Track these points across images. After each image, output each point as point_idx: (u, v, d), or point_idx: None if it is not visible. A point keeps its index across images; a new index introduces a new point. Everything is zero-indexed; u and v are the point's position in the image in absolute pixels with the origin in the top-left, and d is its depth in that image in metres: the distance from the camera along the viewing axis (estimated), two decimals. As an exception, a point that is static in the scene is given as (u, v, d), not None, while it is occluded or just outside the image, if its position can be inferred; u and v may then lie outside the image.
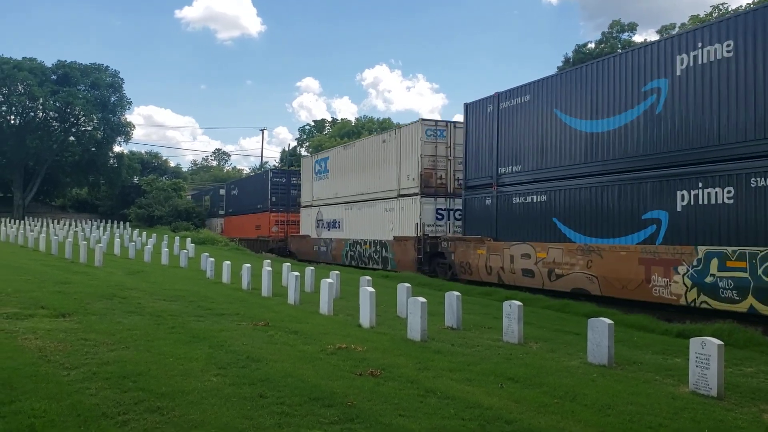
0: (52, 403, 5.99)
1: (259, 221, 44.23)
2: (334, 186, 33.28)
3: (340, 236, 32.25)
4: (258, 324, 10.91)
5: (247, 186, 50.80)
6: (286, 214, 41.74)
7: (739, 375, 8.70)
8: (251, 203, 46.46)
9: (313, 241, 35.47)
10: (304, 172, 38.04)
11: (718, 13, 38.01)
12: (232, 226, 52.64)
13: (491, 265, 19.84)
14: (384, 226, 27.57)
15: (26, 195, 62.43)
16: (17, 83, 57.45)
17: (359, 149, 31.19)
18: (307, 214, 36.93)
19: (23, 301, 12.30)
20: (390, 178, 27.41)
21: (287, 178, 43.29)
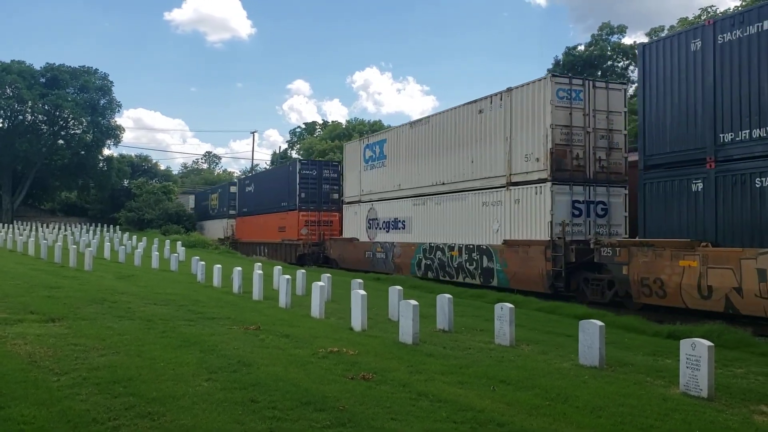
0: (41, 409, 5.95)
1: (283, 222, 37.83)
2: (395, 175, 26.73)
3: (406, 239, 25.56)
4: (249, 328, 10.87)
5: (266, 181, 43.88)
6: (317, 212, 36.00)
7: (730, 376, 8.74)
8: (273, 201, 39.93)
9: (365, 246, 28.99)
10: (349, 161, 31.48)
11: (706, 16, 38.26)
12: (248, 228, 46.08)
13: (712, 285, 13.25)
14: (482, 226, 20.76)
15: (15, 199, 62.01)
16: (5, 86, 57.07)
17: (437, 125, 23.86)
18: (353, 212, 30.57)
19: (12, 306, 12.20)
20: (493, 161, 20.37)
21: (318, 170, 36.98)
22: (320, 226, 35.47)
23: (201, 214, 61.68)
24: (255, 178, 48.57)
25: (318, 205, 36.22)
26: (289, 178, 37.51)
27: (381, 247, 27.50)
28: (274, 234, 39.30)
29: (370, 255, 28.31)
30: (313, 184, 36.48)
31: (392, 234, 26.76)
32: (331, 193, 36.38)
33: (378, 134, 29.89)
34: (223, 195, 53.51)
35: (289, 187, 37.22)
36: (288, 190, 37.39)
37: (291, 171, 37.77)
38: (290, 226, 36.80)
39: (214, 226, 54.97)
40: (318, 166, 37.70)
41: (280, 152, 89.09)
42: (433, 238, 23.66)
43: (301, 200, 36.03)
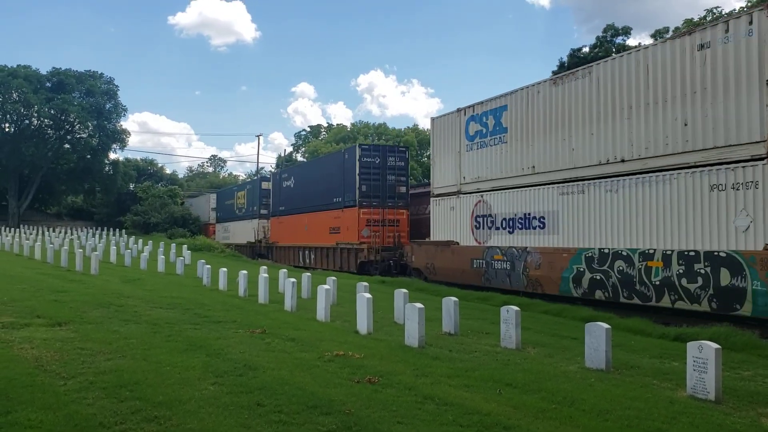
0: (48, 413, 5.96)
1: (337, 221, 31.84)
2: (525, 154, 19.34)
3: (550, 243, 18.11)
4: (255, 331, 10.88)
5: (312, 173, 37.09)
6: (380, 209, 29.39)
7: (737, 378, 8.71)
8: (322, 196, 33.91)
9: (471, 252, 21.41)
10: (440, 141, 23.76)
11: (712, 17, 38.17)
12: (287, 230, 39.45)
13: None
14: (713, 222, 13.83)
15: (21, 203, 62.30)
16: (12, 91, 57.43)
17: (606, 77, 16.70)
18: (449, 206, 23.00)
19: (19, 310, 12.24)
20: (732, 121, 13.58)
21: (381, 157, 30.19)
22: (385, 226, 29.44)
23: (224, 214, 55.51)
24: (296, 171, 41.22)
25: (382, 200, 29.85)
26: (345, 168, 31.16)
27: (502, 254, 19.83)
28: (324, 236, 33.31)
29: (481, 265, 20.79)
30: (375, 174, 30.02)
31: (521, 235, 19.18)
32: (397, 186, 30.17)
33: (489, 101, 21.18)
34: (253, 192, 47.07)
35: (345, 179, 30.98)
36: (343, 182, 31.23)
37: (347, 159, 31.18)
38: (347, 226, 30.62)
39: (241, 228, 48.97)
40: (382, 152, 30.75)
41: (285, 155, 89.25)
42: (606, 241, 16.29)
43: (362, 194, 29.73)
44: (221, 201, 57.81)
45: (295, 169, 42.56)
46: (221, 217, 56.74)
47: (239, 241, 48.72)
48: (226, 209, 54.78)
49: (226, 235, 53.55)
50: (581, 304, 16.50)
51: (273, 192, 42.86)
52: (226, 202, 55.15)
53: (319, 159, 42.22)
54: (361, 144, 30.56)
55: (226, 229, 54.01)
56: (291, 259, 38.18)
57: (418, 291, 19.61)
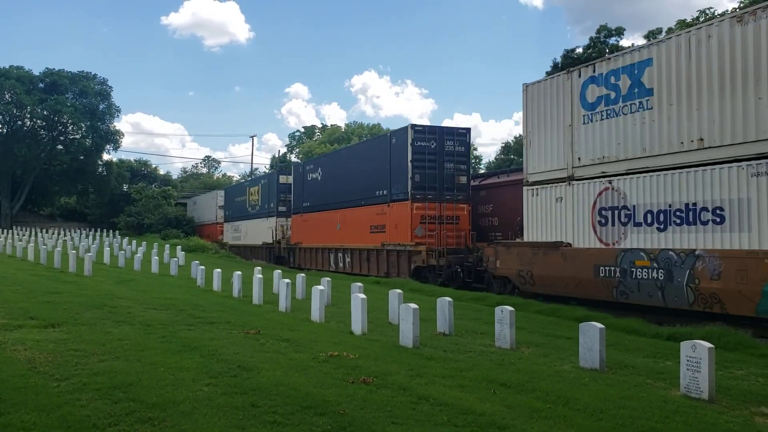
0: (41, 415, 5.94)
1: (381, 218, 26.98)
2: (683, 124, 14.32)
3: (739, 243, 13.07)
4: (249, 332, 10.87)
5: (346, 162, 31.92)
6: (438, 204, 24.63)
7: (730, 378, 8.74)
8: (360, 189, 29.01)
9: (596, 256, 16.04)
10: (539, 114, 18.49)
11: (704, 18, 38.31)
12: (313, 229, 34.64)
13: None
14: None
15: (14, 204, 62.05)
16: (4, 91, 57.24)
17: None
18: (553, 197, 17.69)
19: (12, 311, 12.19)
20: None
21: (438, 141, 25.12)
22: (442, 223, 24.47)
23: (235, 212, 51.00)
24: (324, 161, 35.85)
25: (438, 193, 24.78)
26: (392, 154, 26.35)
27: (650, 259, 14.79)
28: (362, 236, 28.64)
29: (612, 273, 15.49)
30: (431, 161, 25.01)
31: (682, 233, 14.18)
32: (457, 176, 25.32)
33: (619, 56, 16.27)
34: (269, 187, 42.43)
35: (393, 168, 26.21)
36: (389, 171, 26.49)
37: (396, 144, 26.21)
38: (396, 224, 25.82)
39: (255, 227, 44.52)
40: (438, 134, 25.38)
41: (279, 156, 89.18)
42: None
43: (415, 186, 24.70)
44: (231, 198, 53.32)
45: (323, 160, 36.75)
46: (231, 216, 52.27)
47: (253, 242, 44.60)
48: (237, 207, 50.22)
49: (236, 236, 49.52)
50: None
51: (295, 186, 37.91)
52: (237, 199, 50.40)
53: (356, 146, 36.03)
54: (414, 124, 25.25)
55: (237, 229, 49.72)
56: (319, 263, 33.38)
57: (412, 291, 19.62)
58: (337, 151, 40.34)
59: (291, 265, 36.94)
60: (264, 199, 43.26)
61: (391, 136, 27.00)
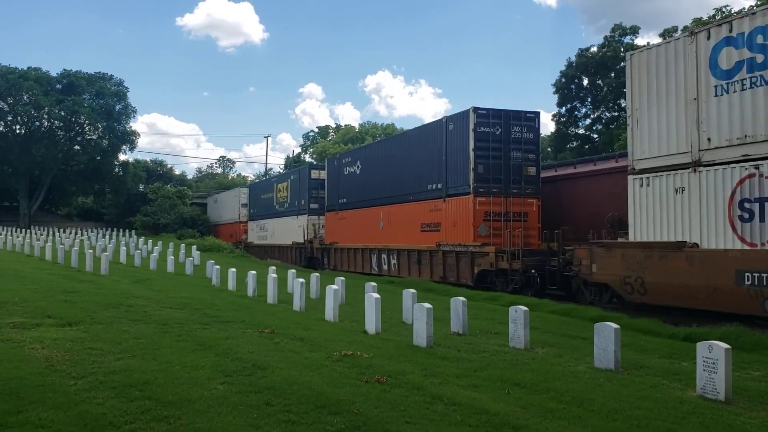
0: (59, 412, 6.00)
1: (435, 215, 24.10)
2: None
3: None
4: (264, 331, 10.91)
5: (390, 152, 29.05)
6: (504, 199, 21.91)
7: (747, 379, 8.66)
8: (409, 183, 26.39)
9: (740, 260, 13.25)
10: (650, 85, 15.65)
11: (720, 16, 37.94)
12: (351, 228, 31.92)
13: None
14: None
15: (32, 204, 62.71)
16: (23, 93, 57.84)
17: None
18: (672, 187, 14.93)
19: (30, 310, 12.32)
20: None
21: (504, 127, 22.13)
22: (508, 221, 21.57)
23: (260, 210, 48.25)
24: (364, 153, 32.52)
25: (504, 186, 21.98)
26: (449, 143, 23.32)
27: None
28: (411, 235, 25.69)
29: (764, 281, 12.70)
30: (495, 150, 22.01)
31: None
32: (525, 167, 22.45)
33: None
34: (299, 183, 39.44)
35: (449, 158, 23.32)
36: (444, 162, 23.56)
37: (453, 130, 23.13)
38: (454, 221, 22.94)
39: (284, 226, 41.58)
40: (504, 119, 22.22)
41: (293, 156, 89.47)
42: None
43: (478, 178, 21.72)
44: (255, 195, 50.31)
45: (362, 152, 33.34)
46: (256, 214, 49.41)
47: (281, 242, 41.83)
48: (263, 205, 47.34)
49: (262, 235, 46.89)
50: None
51: (329, 182, 35.13)
52: (263, 196, 47.37)
53: (402, 135, 30.88)
54: (477, 107, 21.90)
55: (263, 228, 46.71)
56: (358, 264, 30.71)
57: (425, 291, 19.61)
58: (379, 142, 37.18)
59: (325, 266, 34.16)
60: (294, 196, 40.36)
61: (448, 122, 23.49)
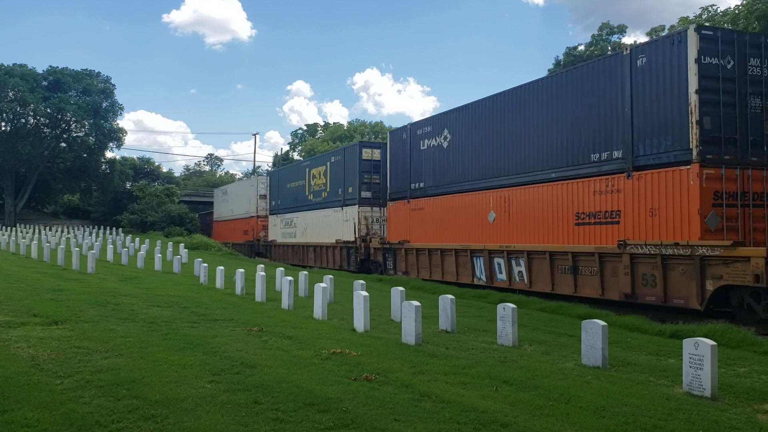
0: (45, 412, 5.95)
1: (607, 199, 16.47)
2: None
3: None
4: (252, 329, 10.88)
5: (510, 113, 20.41)
6: (741, 170, 14.38)
7: (733, 375, 8.73)
8: (548, 155, 18.58)
9: None
10: None
11: (707, 15, 38.19)
12: (436, 221, 24.09)
13: None
14: None
15: (18, 202, 62.12)
16: (8, 90, 57.17)
17: None
18: None
19: (15, 309, 12.22)
20: None
21: (739, 58, 14.46)
22: (746, 206, 14.39)
23: (286, 201, 40.16)
24: (457, 118, 23.44)
25: (742, 152, 14.40)
26: (641, 85, 15.60)
27: None
28: (555, 232, 18.19)
29: None
30: (728, 94, 14.33)
31: None
32: None
33: None
34: (345, 166, 31.61)
35: (639, 109, 15.58)
36: (629, 115, 15.76)
37: (650, 64, 15.33)
38: (650, 208, 15.24)
39: (321, 220, 34.01)
40: (738, 45, 14.56)
41: (282, 154, 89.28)
42: None
43: (706, 138, 14.07)
44: (279, 184, 41.76)
45: (453, 117, 23.69)
46: (279, 207, 41.26)
47: (319, 240, 34.04)
48: (289, 195, 39.47)
49: (289, 232, 38.90)
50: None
51: (394, 162, 27.58)
52: (290, 184, 39.41)
53: (534, 85, 19.91)
54: (701, 26, 14.66)
55: (290, 223, 38.76)
56: (449, 272, 22.99)
57: (414, 289, 19.62)
58: (482, 100, 22.45)
59: (390, 271, 27.12)
60: (336, 183, 32.37)
61: (636, 55, 15.74)
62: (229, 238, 51.20)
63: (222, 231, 54.70)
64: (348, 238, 30.74)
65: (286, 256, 39.09)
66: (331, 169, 33.62)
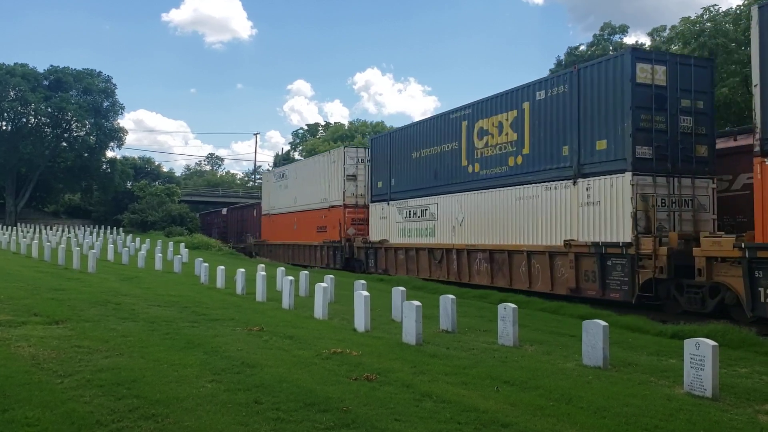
0: (45, 411, 5.95)
1: None
2: None
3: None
4: (252, 329, 10.88)
5: None
6: None
7: (734, 375, 8.72)
8: None
9: None
10: None
11: (708, 15, 38.12)
12: None
13: None
14: None
15: (18, 201, 62.13)
16: (9, 89, 57.19)
17: None
18: None
19: (16, 308, 12.22)
20: None
21: None
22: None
23: (414, 180, 25.58)
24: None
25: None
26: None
27: None
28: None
29: None
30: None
31: None
32: None
33: None
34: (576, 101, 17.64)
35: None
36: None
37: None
38: None
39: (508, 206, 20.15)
40: None
41: (283, 153, 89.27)
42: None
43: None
44: (393, 153, 27.33)
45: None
46: (399, 189, 26.68)
47: (524, 241, 19.33)
48: (420, 169, 25.27)
49: (416, 228, 25.22)
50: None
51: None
52: (419, 153, 25.29)
53: None
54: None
55: (418, 213, 25.16)
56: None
57: (415, 289, 19.60)
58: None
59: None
60: (546, 140, 18.91)
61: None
62: (289, 237, 37.84)
63: (277, 228, 40.51)
64: (612, 238, 16.29)
65: (417, 266, 24.67)
66: (535, 113, 19.35)
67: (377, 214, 28.32)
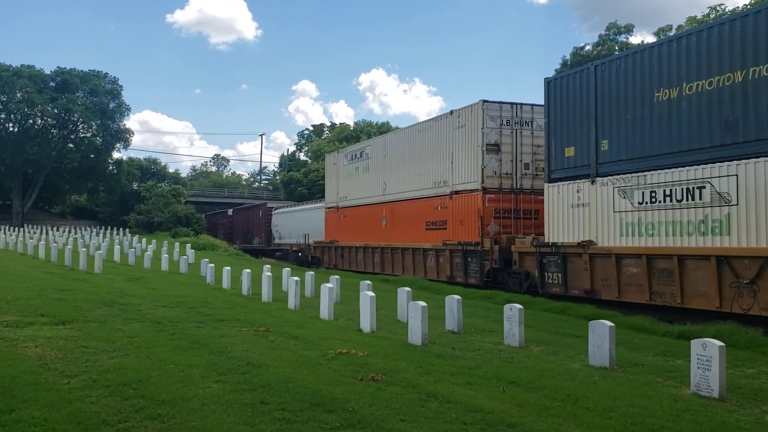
0: (52, 411, 5.97)
1: None
2: None
3: None
4: (258, 329, 10.89)
5: None
6: None
7: (741, 376, 8.68)
8: None
9: None
10: None
11: (715, 15, 38.03)
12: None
13: None
14: None
15: (25, 202, 62.41)
16: (16, 90, 57.48)
17: None
18: None
19: (23, 308, 12.27)
20: None
21: None
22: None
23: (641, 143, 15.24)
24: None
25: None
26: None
27: None
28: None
29: None
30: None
31: None
32: None
33: None
34: None
35: None
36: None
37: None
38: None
39: None
40: None
41: (288, 154, 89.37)
42: None
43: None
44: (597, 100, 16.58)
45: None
46: (606, 160, 16.31)
47: None
48: (664, 121, 14.74)
49: (665, 221, 14.49)
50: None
51: None
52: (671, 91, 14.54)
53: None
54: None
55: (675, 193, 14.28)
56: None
57: (421, 289, 19.60)
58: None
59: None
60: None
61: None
62: (374, 237, 28.89)
63: (352, 225, 31.43)
64: None
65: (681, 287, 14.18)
66: None
67: (564, 199, 17.77)
